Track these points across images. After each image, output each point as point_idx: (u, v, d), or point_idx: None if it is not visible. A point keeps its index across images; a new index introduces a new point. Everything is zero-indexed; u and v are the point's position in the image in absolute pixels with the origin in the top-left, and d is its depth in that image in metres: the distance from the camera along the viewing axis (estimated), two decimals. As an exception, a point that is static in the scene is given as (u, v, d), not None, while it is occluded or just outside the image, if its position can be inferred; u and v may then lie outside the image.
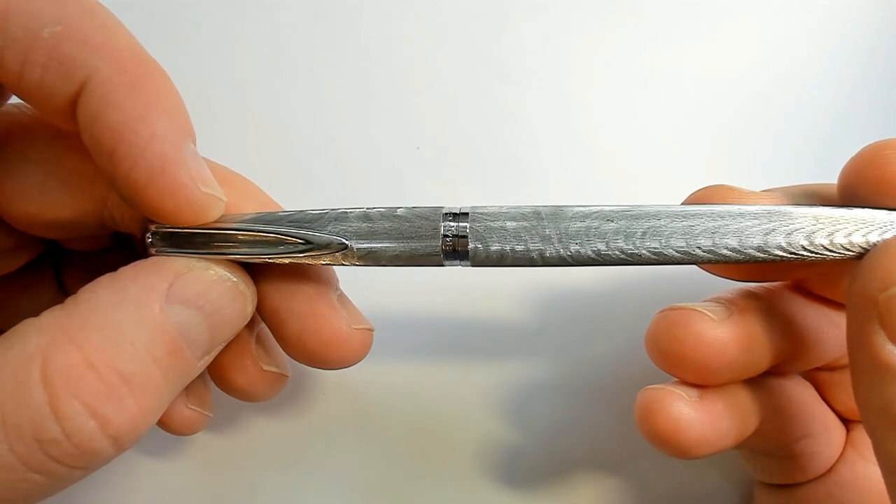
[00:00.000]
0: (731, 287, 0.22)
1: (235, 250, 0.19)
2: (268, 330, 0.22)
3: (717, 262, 0.19)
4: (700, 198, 0.21)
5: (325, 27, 0.28)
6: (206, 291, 0.19)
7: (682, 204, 0.20)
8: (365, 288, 0.23)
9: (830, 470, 0.23)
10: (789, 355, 0.21)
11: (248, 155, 0.28)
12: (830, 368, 0.23)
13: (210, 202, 0.19)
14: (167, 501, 0.28)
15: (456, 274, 0.26)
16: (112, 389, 0.16)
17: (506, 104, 0.28)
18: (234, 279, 0.19)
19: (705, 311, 0.20)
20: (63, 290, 0.25)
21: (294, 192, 0.27)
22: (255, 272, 0.21)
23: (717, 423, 0.20)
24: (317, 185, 0.28)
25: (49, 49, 0.17)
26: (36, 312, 0.17)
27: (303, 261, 0.19)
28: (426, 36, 0.28)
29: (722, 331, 0.20)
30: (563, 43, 0.28)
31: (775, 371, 0.22)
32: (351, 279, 0.23)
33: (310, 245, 0.19)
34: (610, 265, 0.19)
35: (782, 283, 0.22)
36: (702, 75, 0.28)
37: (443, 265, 0.19)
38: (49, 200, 0.20)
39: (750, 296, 0.22)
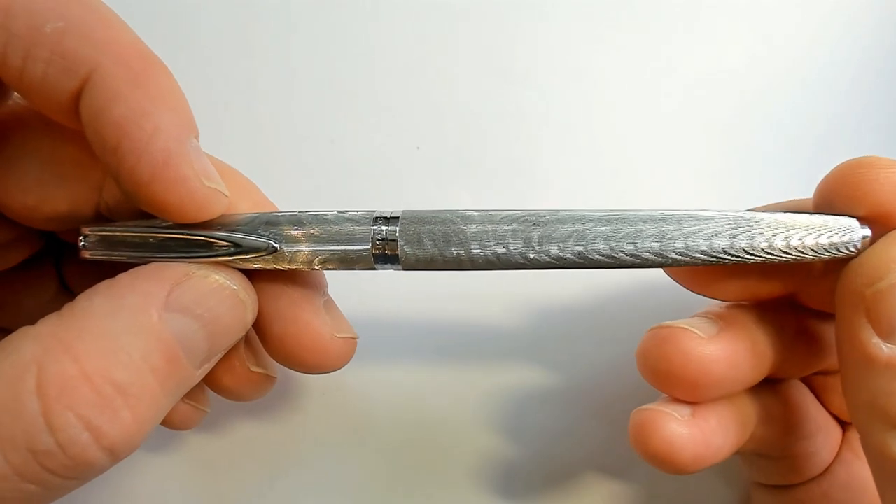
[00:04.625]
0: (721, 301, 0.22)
1: (165, 254, 0.19)
2: (255, 331, 0.22)
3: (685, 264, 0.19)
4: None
5: (324, 28, 0.28)
6: (205, 299, 0.18)
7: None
8: (361, 295, 0.23)
9: (827, 470, 0.24)
10: (780, 366, 0.22)
11: (247, 154, 0.27)
12: (825, 373, 0.24)
13: (213, 196, 0.18)
14: (164, 501, 0.28)
15: (452, 283, 0.26)
16: (107, 401, 0.16)
17: (506, 104, 0.28)
18: (235, 287, 0.19)
19: (693, 329, 0.20)
20: (65, 286, 0.24)
21: (294, 192, 0.27)
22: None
23: (710, 440, 0.20)
24: (317, 185, 0.28)
25: (52, 45, 0.17)
26: (38, 309, 0.17)
27: (232, 264, 0.19)
28: (426, 36, 0.28)
29: (711, 349, 0.20)
30: (562, 44, 0.28)
31: (769, 376, 0.22)
32: (349, 285, 0.22)
33: (239, 248, 0.19)
34: (538, 269, 0.19)
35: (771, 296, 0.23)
36: (702, 75, 0.28)
37: (374, 269, 0.19)
38: (47, 191, 0.20)
39: (739, 310, 0.22)
